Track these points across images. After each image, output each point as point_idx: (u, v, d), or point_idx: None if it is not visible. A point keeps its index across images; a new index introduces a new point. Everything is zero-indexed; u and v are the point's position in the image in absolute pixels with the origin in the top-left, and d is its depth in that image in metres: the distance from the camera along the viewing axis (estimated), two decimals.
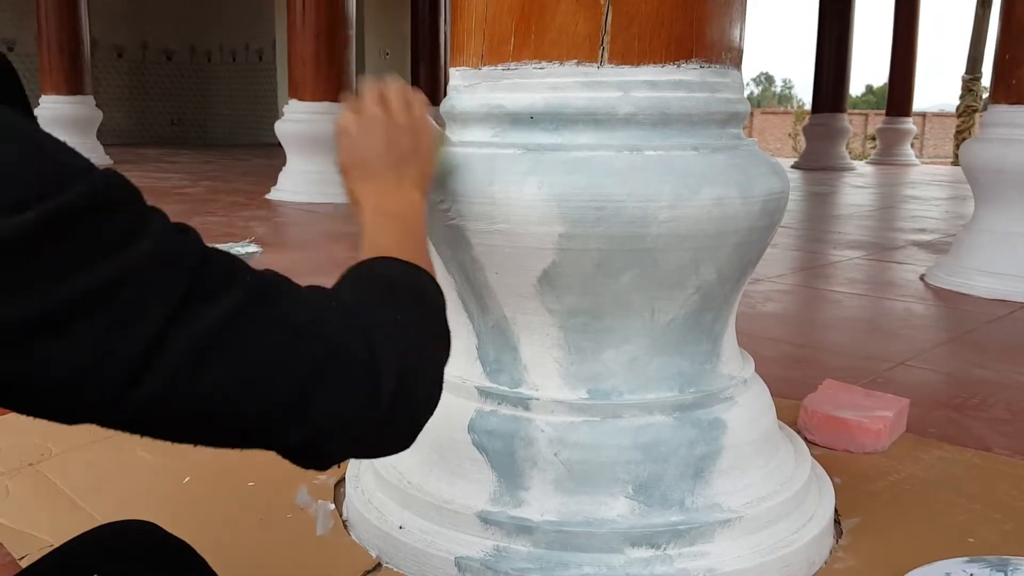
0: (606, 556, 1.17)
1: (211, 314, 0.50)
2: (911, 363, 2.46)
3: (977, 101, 13.79)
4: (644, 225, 1.13)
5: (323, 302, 0.59)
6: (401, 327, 0.62)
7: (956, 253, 3.64)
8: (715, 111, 1.21)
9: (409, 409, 0.60)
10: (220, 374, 0.51)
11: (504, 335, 1.27)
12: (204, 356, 0.50)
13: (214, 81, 15.96)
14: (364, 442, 0.59)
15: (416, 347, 0.63)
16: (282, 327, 0.54)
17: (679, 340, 1.25)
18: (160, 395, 0.49)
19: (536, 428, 1.22)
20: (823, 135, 10.82)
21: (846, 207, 7.00)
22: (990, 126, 3.53)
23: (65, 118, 9.08)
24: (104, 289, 0.46)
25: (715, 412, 1.26)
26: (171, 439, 0.54)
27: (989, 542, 1.36)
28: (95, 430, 1.66)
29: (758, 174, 1.21)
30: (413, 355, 0.61)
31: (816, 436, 1.74)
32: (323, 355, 0.55)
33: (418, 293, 0.70)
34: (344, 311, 0.60)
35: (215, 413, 0.52)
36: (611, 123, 1.17)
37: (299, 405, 0.54)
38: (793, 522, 1.27)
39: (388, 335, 0.60)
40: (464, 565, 1.19)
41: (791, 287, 3.63)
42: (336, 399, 0.55)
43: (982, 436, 1.88)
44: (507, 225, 1.16)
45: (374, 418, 0.57)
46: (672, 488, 1.21)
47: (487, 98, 1.23)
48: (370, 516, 1.30)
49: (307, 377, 0.54)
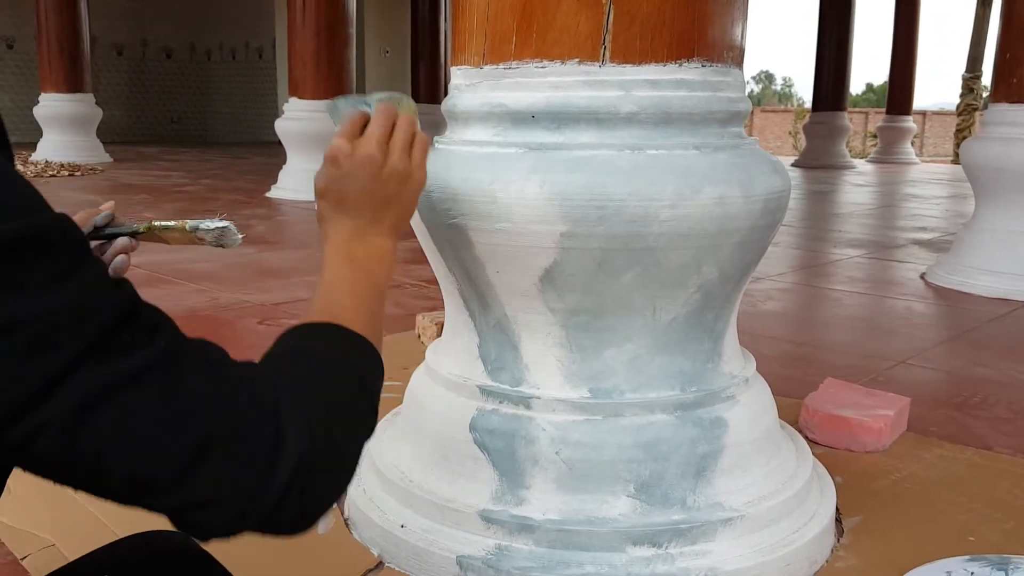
0: (608, 555, 1.17)
1: (111, 371, 0.50)
2: (912, 362, 2.46)
3: (977, 100, 13.78)
4: (646, 224, 1.13)
5: (239, 379, 0.58)
6: (318, 417, 0.61)
7: (957, 252, 3.64)
8: (717, 110, 1.21)
9: (303, 499, 0.59)
10: (101, 430, 0.51)
11: (505, 334, 1.27)
12: (89, 409, 0.50)
13: (214, 79, 15.96)
14: (250, 522, 0.58)
15: (329, 440, 0.61)
16: (182, 396, 0.54)
17: (680, 339, 1.25)
18: (37, 438, 0.49)
19: (537, 427, 1.22)
20: (823, 133, 10.82)
21: (846, 205, 7.00)
22: (991, 125, 3.52)
23: (65, 116, 9.09)
24: (12, 324, 0.47)
25: (717, 411, 1.26)
26: (55, 481, 0.54)
27: (990, 541, 1.36)
28: None
29: (760, 173, 1.21)
30: (322, 448, 0.60)
31: (817, 435, 1.74)
32: (217, 431, 0.54)
33: (353, 377, 0.69)
34: (259, 391, 0.59)
35: (89, 467, 0.52)
36: (613, 122, 1.17)
37: (179, 474, 0.54)
38: (794, 521, 1.27)
39: (300, 425, 0.59)
40: (466, 564, 1.19)
41: (791, 285, 3.63)
42: (223, 475, 0.55)
43: (983, 435, 1.88)
44: (509, 224, 1.16)
45: (263, 500, 0.56)
46: (674, 487, 1.22)
47: (489, 97, 1.23)
48: (372, 515, 1.30)
49: (194, 449, 0.53)
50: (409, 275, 3.62)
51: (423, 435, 1.33)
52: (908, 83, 11.72)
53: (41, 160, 8.67)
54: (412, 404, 1.39)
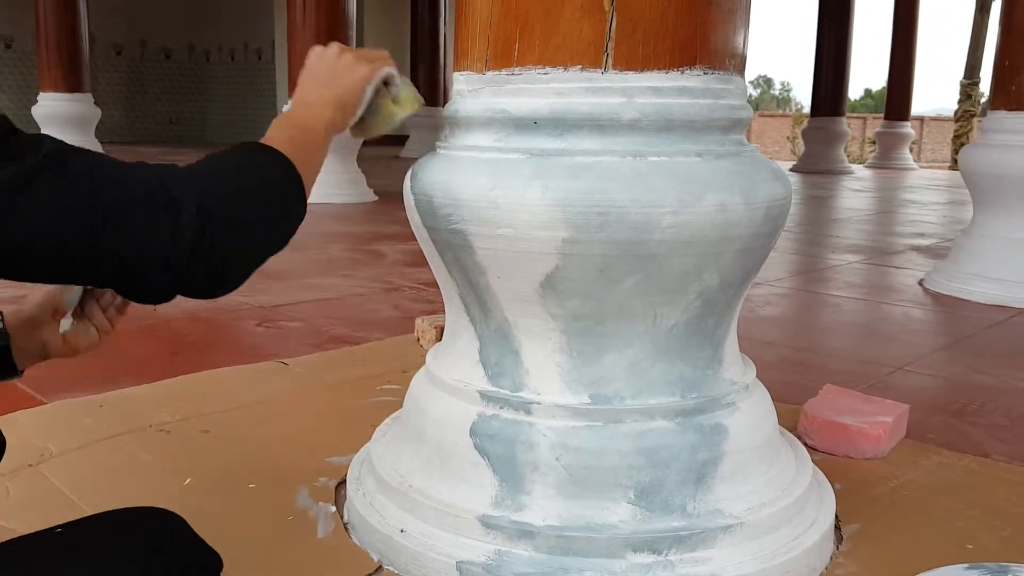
0: (607, 561, 1.17)
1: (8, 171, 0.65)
2: (910, 368, 2.47)
3: (975, 106, 13.82)
4: (647, 231, 1.13)
5: (126, 167, 0.72)
6: (211, 191, 0.74)
7: (955, 258, 3.65)
8: (718, 117, 1.21)
9: (212, 259, 0.73)
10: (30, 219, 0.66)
11: (506, 339, 1.27)
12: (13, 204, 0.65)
13: (213, 80, 15.95)
14: (178, 273, 0.71)
15: (226, 210, 0.74)
16: (76, 184, 0.68)
17: (681, 345, 1.25)
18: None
19: (538, 432, 1.22)
20: (822, 138, 10.84)
21: (844, 211, 7.01)
22: (990, 132, 3.53)
23: (63, 116, 9.06)
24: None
25: (717, 417, 1.26)
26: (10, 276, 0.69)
27: (988, 548, 1.36)
28: (92, 430, 1.64)
29: (761, 180, 1.22)
30: (219, 214, 0.73)
31: (816, 441, 1.74)
32: (117, 204, 0.69)
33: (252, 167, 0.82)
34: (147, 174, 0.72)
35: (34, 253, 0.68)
36: (615, 129, 1.17)
37: (102, 245, 0.69)
38: (794, 528, 1.27)
39: (192, 194, 0.72)
40: (465, 569, 1.19)
41: (790, 291, 3.64)
42: (134, 237, 0.69)
43: (981, 442, 1.88)
44: (510, 230, 1.16)
45: (176, 255, 0.70)
46: (674, 494, 1.22)
47: (491, 103, 1.23)
48: (371, 519, 1.30)
49: (105, 218, 0.68)
50: (407, 278, 3.62)
51: (423, 440, 1.33)
52: (906, 89, 11.74)
53: None
54: (412, 408, 1.39)
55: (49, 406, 1.88)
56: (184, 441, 1.71)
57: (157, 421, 1.79)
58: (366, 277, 3.62)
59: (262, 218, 0.81)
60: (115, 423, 1.77)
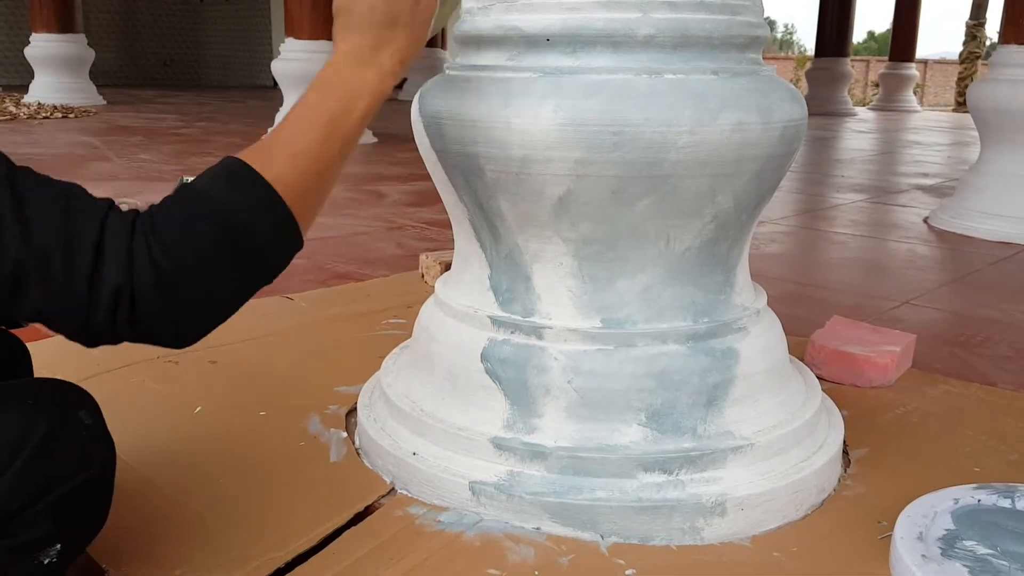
0: (619, 481, 1.18)
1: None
2: (916, 302, 2.47)
3: (980, 47, 13.62)
4: (663, 151, 1.11)
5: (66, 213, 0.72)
6: (160, 248, 0.71)
7: (961, 195, 3.63)
8: (735, 34, 1.18)
9: (147, 321, 0.73)
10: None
11: (517, 264, 1.26)
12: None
13: (207, 21, 15.66)
14: (84, 332, 0.75)
15: (176, 266, 0.72)
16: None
17: (694, 270, 1.25)
18: None
19: (550, 356, 1.22)
20: (825, 80, 10.70)
21: (848, 152, 6.95)
22: (999, 67, 3.48)
23: (56, 57, 8.92)
24: None
25: (728, 342, 1.26)
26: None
27: (996, 471, 1.37)
28: (101, 361, 1.64)
29: (778, 100, 1.19)
30: (164, 275, 0.72)
31: (824, 371, 1.75)
32: (29, 259, 0.70)
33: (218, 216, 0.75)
34: (82, 226, 0.71)
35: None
36: (630, 45, 1.14)
37: (15, 289, 0.71)
38: (804, 450, 1.28)
39: (128, 251, 0.71)
40: (478, 489, 1.19)
41: (794, 228, 3.62)
42: (41, 295, 0.71)
43: (986, 372, 1.89)
44: (522, 151, 1.14)
45: (91, 316, 0.72)
46: (685, 416, 1.22)
47: (502, 20, 1.20)
48: (383, 443, 1.31)
49: (9, 276, 0.70)
50: (410, 217, 3.60)
51: (434, 366, 1.33)
52: (911, 31, 11.55)
53: (33, 102, 8.54)
54: (422, 336, 1.39)
55: (58, 338, 1.88)
56: (193, 371, 1.71)
57: (165, 352, 1.79)
58: (369, 216, 3.60)
59: (224, 281, 0.76)
60: (124, 354, 1.77)
